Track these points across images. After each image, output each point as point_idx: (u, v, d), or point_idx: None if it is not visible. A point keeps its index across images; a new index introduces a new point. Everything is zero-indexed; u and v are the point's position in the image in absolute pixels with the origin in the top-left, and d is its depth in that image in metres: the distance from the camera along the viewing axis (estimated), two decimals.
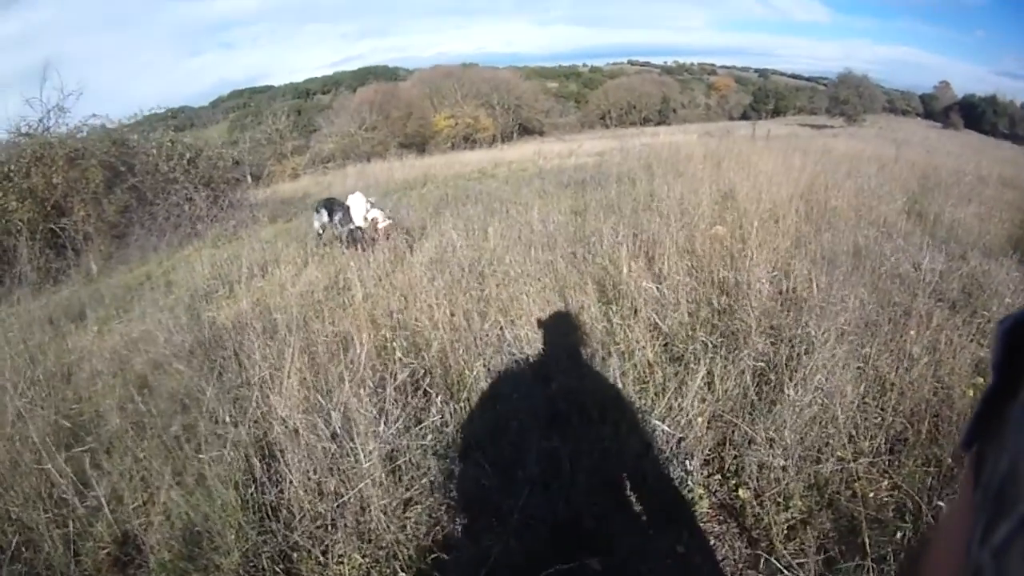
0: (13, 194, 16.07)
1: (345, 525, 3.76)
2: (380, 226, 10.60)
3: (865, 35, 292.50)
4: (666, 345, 5.80)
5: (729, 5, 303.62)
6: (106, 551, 3.89)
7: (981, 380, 5.08)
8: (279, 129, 50.43)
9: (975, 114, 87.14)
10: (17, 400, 5.23)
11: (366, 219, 10.92)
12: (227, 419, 4.67)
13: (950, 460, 4.26)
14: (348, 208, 11.41)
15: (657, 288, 6.56)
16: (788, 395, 4.51)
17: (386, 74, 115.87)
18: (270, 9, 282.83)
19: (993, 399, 0.75)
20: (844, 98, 75.69)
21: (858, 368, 5.12)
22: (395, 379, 4.84)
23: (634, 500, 4.11)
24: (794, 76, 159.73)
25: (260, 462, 4.27)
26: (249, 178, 21.57)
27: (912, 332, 5.64)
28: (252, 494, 3.99)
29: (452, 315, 6.18)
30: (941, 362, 5.33)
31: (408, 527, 3.84)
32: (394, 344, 5.71)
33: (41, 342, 7.73)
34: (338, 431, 4.30)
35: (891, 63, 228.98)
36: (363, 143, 56.27)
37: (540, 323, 6.21)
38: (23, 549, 3.94)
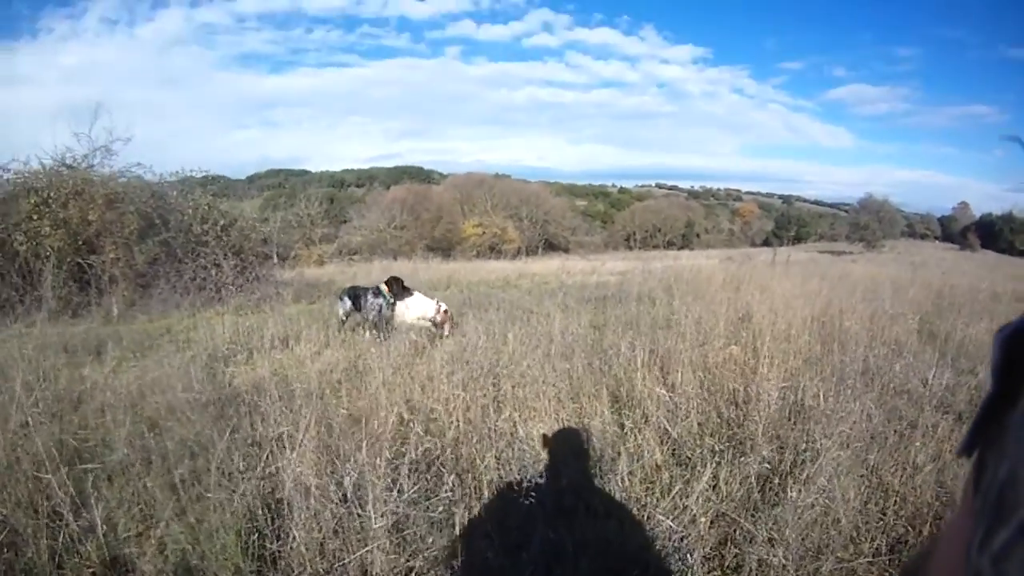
0: (48, 220, 16.23)
1: None
2: (442, 315, 11.34)
3: (887, 160, 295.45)
4: (674, 450, 5.87)
5: (758, 131, 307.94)
6: (92, 571, 3.96)
7: None
8: (311, 214, 51.18)
9: (992, 232, 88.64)
10: (25, 410, 5.34)
11: (433, 311, 11.57)
12: (237, 470, 4.77)
13: None
14: (377, 292, 11.76)
15: (669, 396, 6.64)
16: (791, 497, 4.56)
17: (420, 175, 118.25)
18: (317, 95, 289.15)
19: (993, 406, 0.76)
20: (864, 224, 75.76)
21: (861, 475, 5.18)
22: (412, 452, 4.94)
23: None
24: (817, 202, 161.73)
25: (264, 514, 4.34)
26: (275, 257, 21.59)
27: (917, 443, 5.69)
28: (254, 542, 4.06)
29: (468, 407, 6.27)
30: (944, 469, 5.37)
31: None
32: (412, 423, 5.76)
33: (54, 365, 7.82)
34: (349, 495, 4.37)
35: (912, 186, 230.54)
36: (391, 240, 56.84)
37: (553, 422, 6.35)
38: (4, 549, 4.04)
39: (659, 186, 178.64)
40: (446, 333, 10.83)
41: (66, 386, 7.06)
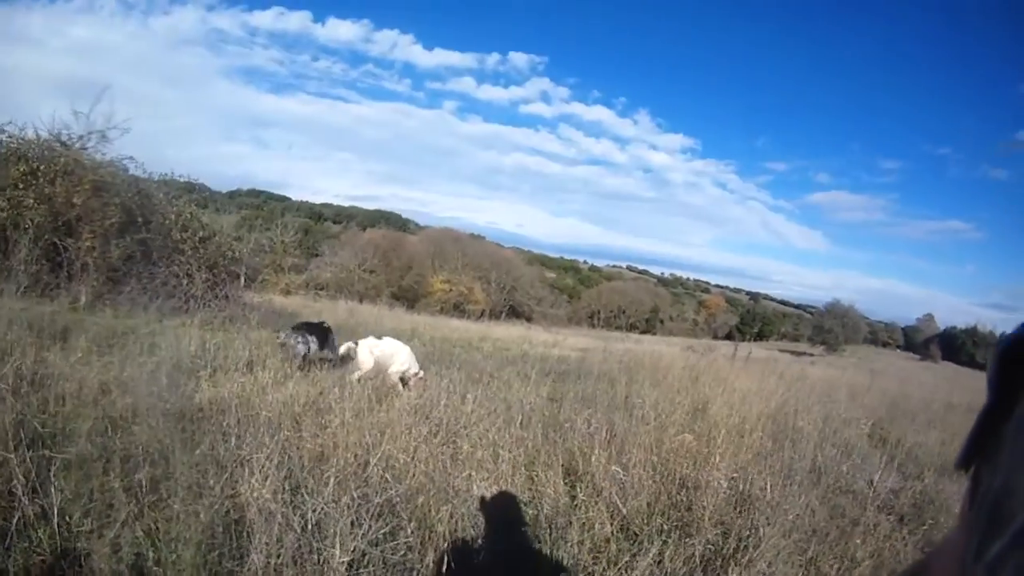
0: (33, 192, 15.91)
1: None
2: (414, 376, 10.93)
3: (858, 266, 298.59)
4: (623, 525, 5.97)
5: (735, 226, 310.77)
6: (41, 558, 3.95)
7: None
8: (284, 241, 50.74)
9: (955, 345, 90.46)
10: None
11: (415, 369, 11.11)
12: (197, 485, 4.81)
13: None
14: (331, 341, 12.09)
15: (623, 474, 6.74)
16: None
17: (398, 222, 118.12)
18: (312, 124, 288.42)
19: (989, 418, 0.79)
20: (828, 327, 77.24)
21: (800, 565, 5.34)
22: (376, 496, 5.02)
23: None
24: (783, 302, 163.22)
25: (224, 533, 4.35)
26: (244, 278, 21.31)
27: (857, 539, 5.85)
28: (212, 558, 4.07)
29: (428, 461, 6.37)
30: (883, 565, 5.54)
31: None
32: (375, 468, 5.86)
33: (20, 342, 7.89)
34: (310, 526, 4.42)
35: (879, 294, 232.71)
36: (359, 282, 56.55)
37: (508, 486, 6.46)
38: None
39: (630, 268, 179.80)
40: (409, 389, 10.48)
41: (30, 366, 7.10)
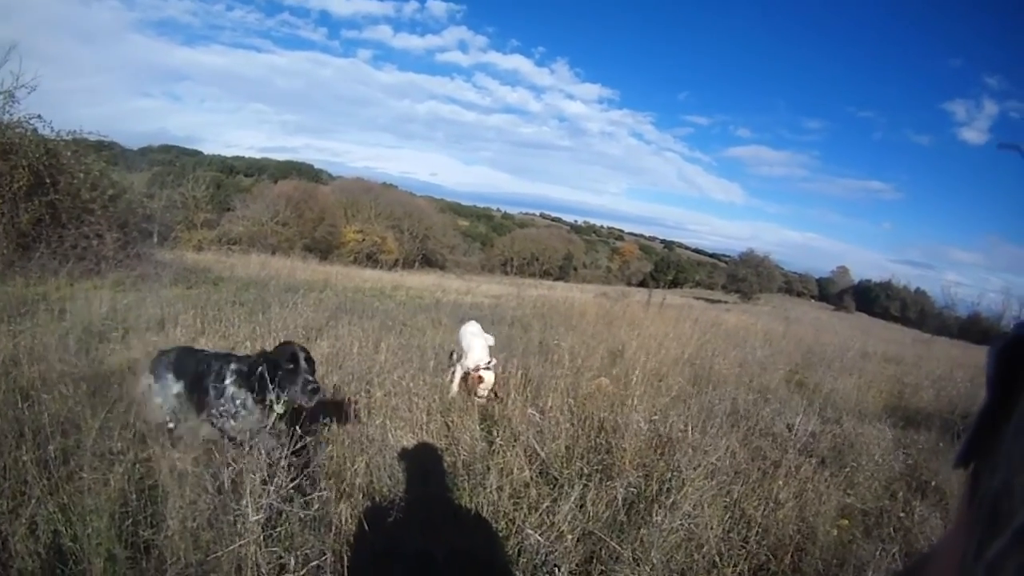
0: None
1: None
2: (483, 386, 7.83)
3: (775, 219, 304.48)
4: (543, 470, 6.00)
5: (651, 176, 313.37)
6: None
7: (845, 521, 5.49)
8: (196, 197, 49.76)
9: (869, 298, 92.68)
10: None
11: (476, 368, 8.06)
12: (110, 452, 4.67)
13: None
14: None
15: (540, 417, 6.79)
16: (656, 520, 4.76)
17: (310, 173, 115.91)
18: (226, 75, 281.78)
19: (987, 418, 0.79)
20: (742, 276, 78.54)
21: (725, 506, 5.40)
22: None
23: None
24: (698, 251, 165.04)
25: (138, 499, 4.26)
26: (156, 236, 20.73)
27: (780, 481, 5.96)
28: (127, 527, 3.97)
29: (341, 412, 6.33)
30: (806, 505, 5.69)
31: None
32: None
33: None
34: (225, 486, 4.33)
35: (795, 247, 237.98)
36: (271, 235, 55.71)
37: (424, 434, 6.48)
38: None
39: (543, 216, 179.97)
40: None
41: None
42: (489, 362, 8.12)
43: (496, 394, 7.94)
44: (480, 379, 7.84)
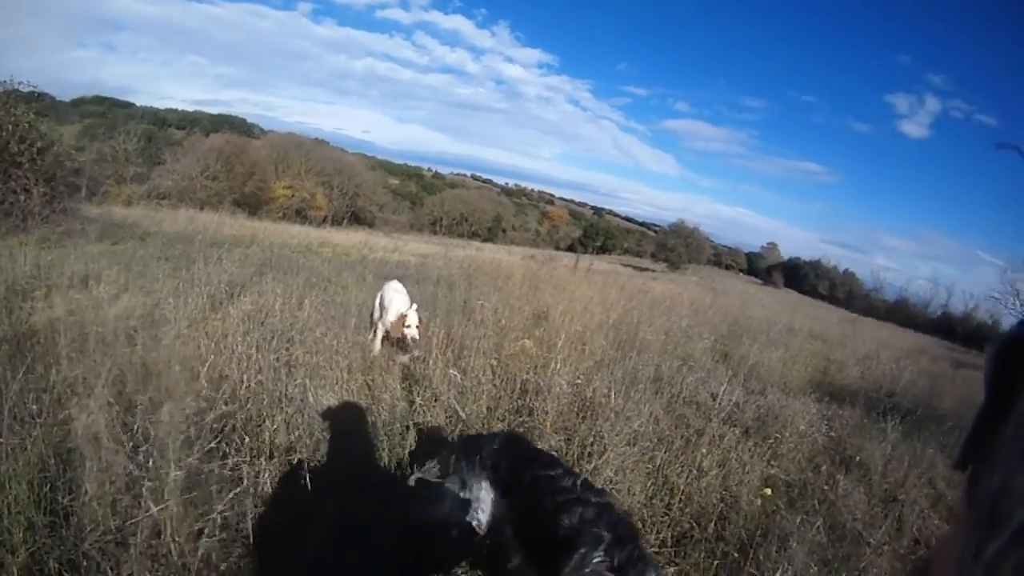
0: None
1: (136, 545, 3.72)
2: (408, 329, 7.85)
3: (708, 192, 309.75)
4: (463, 431, 6.01)
5: (585, 143, 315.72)
6: None
7: (769, 491, 5.73)
8: (127, 150, 48.72)
9: (798, 275, 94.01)
10: None
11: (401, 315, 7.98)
12: (30, 415, 4.56)
13: (736, 554, 4.73)
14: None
15: (460, 377, 6.85)
16: None
17: (242, 127, 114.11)
18: (162, 25, 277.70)
19: (985, 418, 0.81)
20: (671, 245, 78.78)
21: (647, 472, 5.52)
22: (206, 412, 4.83)
23: None
24: (628, 219, 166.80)
25: (56, 464, 4.18)
26: (84, 191, 20.26)
27: (703, 449, 6.10)
28: (45, 494, 3.91)
29: (260, 369, 6.26)
30: (730, 475, 5.90)
31: (200, 555, 3.86)
32: (203, 381, 5.72)
33: None
34: (143, 448, 4.33)
35: (727, 222, 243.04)
36: (201, 190, 54.92)
37: (344, 392, 6.51)
38: None
39: (475, 177, 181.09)
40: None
41: None
42: (411, 305, 8.15)
43: (415, 341, 7.84)
44: (404, 317, 7.85)
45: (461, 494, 3.81)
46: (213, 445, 4.71)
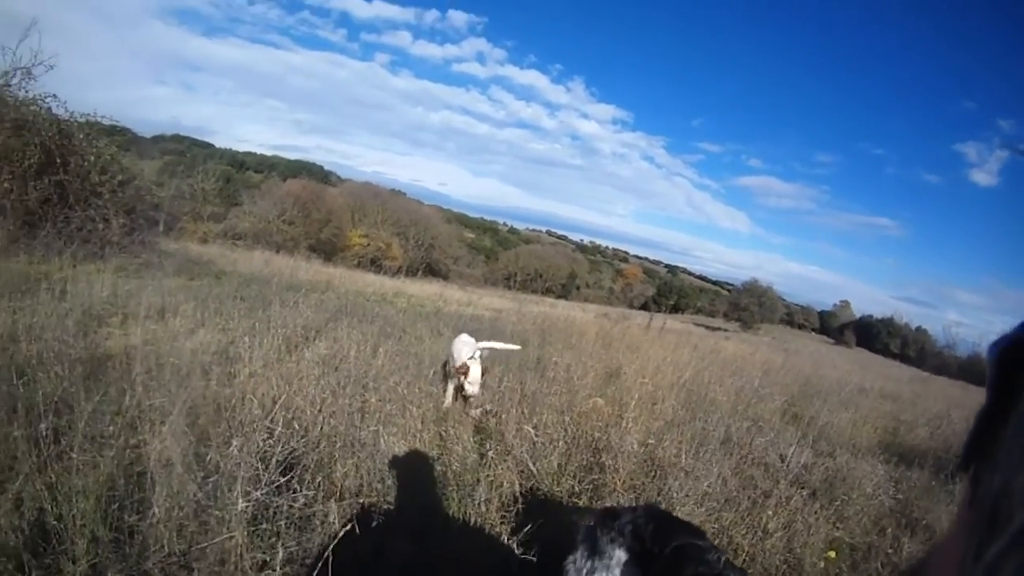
0: None
1: (200, 570, 3.76)
2: (470, 386, 7.75)
3: (779, 250, 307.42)
4: (532, 487, 5.98)
5: (659, 200, 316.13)
6: None
7: (833, 554, 5.51)
8: (205, 189, 49.42)
9: (870, 334, 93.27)
10: None
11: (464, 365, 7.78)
12: (102, 435, 4.64)
13: None
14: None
15: (534, 432, 6.77)
16: None
17: (319, 174, 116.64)
18: (242, 69, 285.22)
19: (987, 420, 0.80)
20: (744, 305, 78.71)
21: (713, 532, 5.38)
22: (279, 448, 4.90)
23: None
24: (701, 277, 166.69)
25: (126, 484, 4.22)
26: (163, 225, 20.59)
27: (770, 511, 5.93)
28: (113, 511, 3.94)
29: (334, 413, 6.26)
30: (795, 536, 5.70)
31: None
32: (277, 419, 5.71)
33: None
34: (211, 477, 4.33)
35: (798, 279, 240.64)
36: (277, 233, 55.71)
37: (416, 441, 6.48)
38: None
39: (549, 233, 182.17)
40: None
41: None
42: (472, 355, 7.99)
43: (482, 393, 7.91)
44: (466, 370, 7.78)
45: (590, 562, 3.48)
46: (283, 481, 4.71)
